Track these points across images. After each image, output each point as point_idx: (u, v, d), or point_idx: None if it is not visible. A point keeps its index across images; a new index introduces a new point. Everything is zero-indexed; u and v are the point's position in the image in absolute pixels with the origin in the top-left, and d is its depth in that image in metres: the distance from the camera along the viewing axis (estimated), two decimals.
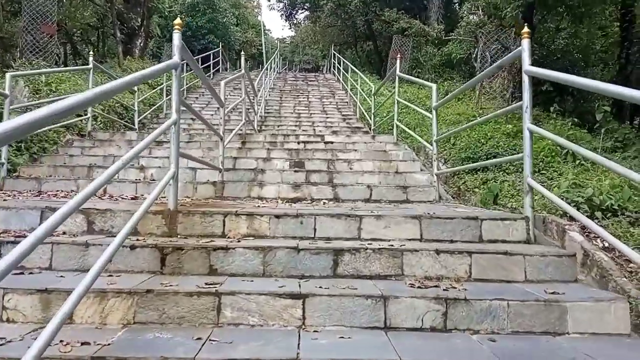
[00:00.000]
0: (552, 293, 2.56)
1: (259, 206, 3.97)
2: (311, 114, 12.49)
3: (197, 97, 14.14)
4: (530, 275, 2.88)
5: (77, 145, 7.25)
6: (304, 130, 10.44)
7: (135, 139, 7.83)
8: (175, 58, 3.43)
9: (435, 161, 5.58)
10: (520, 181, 5.29)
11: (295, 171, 6.03)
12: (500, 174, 5.87)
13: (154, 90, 12.33)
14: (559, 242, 3.24)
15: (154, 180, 5.86)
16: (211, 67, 19.23)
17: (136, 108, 9.86)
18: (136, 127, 9.77)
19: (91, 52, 8.64)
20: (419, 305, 2.41)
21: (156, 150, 6.90)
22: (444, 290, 2.55)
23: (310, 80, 19.09)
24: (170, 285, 2.46)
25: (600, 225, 3.01)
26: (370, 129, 10.28)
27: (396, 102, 7.65)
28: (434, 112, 5.64)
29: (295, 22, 31.64)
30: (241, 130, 7.51)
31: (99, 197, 5.10)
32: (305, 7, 27.29)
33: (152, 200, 2.80)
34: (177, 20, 3.52)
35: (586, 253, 2.96)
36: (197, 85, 16.25)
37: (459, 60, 15.87)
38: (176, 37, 3.47)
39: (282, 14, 29.17)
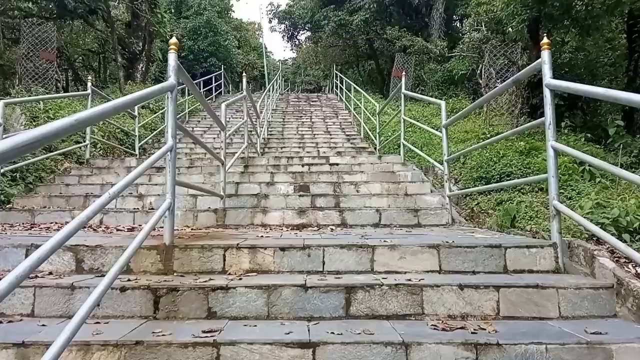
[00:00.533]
0: (594, 333, 2.27)
1: (262, 236, 3.70)
2: (314, 134, 12.28)
3: (198, 121, 13.99)
4: (565, 311, 2.58)
5: (75, 173, 7.03)
6: (307, 152, 10.21)
7: (134, 165, 7.61)
8: (171, 79, 3.20)
9: (447, 182, 5.31)
10: (538, 202, 5.01)
11: (300, 195, 5.77)
12: (516, 194, 5.58)
13: (155, 115, 12.18)
14: (587, 269, 2.95)
15: (152, 209, 5.61)
16: (213, 90, 19.13)
17: (136, 133, 9.67)
18: (137, 152, 9.57)
19: (90, 78, 8.49)
20: (446, 352, 2.12)
21: (156, 176, 6.67)
22: (472, 333, 2.26)
23: (313, 101, 18.96)
24: (163, 335, 2.18)
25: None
26: (375, 149, 10.04)
27: (402, 120, 7.42)
28: (443, 130, 5.39)
29: (296, 43, 31.75)
30: (244, 153, 7.28)
31: (94, 229, 4.85)
32: (307, 28, 27.39)
33: (145, 235, 2.55)
34: (173, 40, 3.31)
35: (620, 281, 2.66)
36: (199, 108, 16.14)
37: (461, 77, 15.75)
38: (171, 57, 3.25)
39: (284, 36, 29.32)
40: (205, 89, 19.71)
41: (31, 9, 14.50)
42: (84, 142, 7.87)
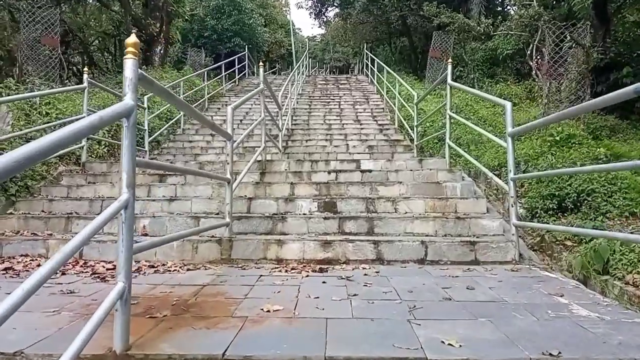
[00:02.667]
0: None
1: (268, 311, 2.63)
2: (343, 124, 11.12)
3: (215, 112, 12.97)
4: None
5: (65, 182, 6.13)
6: (335, 147, 9.12)
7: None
8: (127, 99, 2.15)
9: (513, 207, 4.13)
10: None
11: (325, 218, 4.69)
12: (600, 218, 4.38)
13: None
14: None
15: (146, 234, 4.64)
16: (236, 73, 18.04)
17: (146, 127, 8.71)
18: (146, 148, 8.63)
19: (86, 69, 7.56)
20: None
21: (156, 187, 5.69)
22: None
23: (342, 84, 17.70)
24: None
25: None
26: (412, 142, 8.87)
27: (448, 118, 6.21)
28: (509, 140, 4.19)
29: (325, 20, 30.22)
30: (260, 157, 6.23)
31: (72, 265, 3.93)
32: (336, 5, 25.91)
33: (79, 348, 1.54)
34: (131, 39, 2.23)
35: None
36: (220, 93, 15.11)
37: (504, 57, 14.22)
38: (128, 65, 2.18)
39: (311, 12, 27.86)
40: (229, 71, 18.66)
41: None
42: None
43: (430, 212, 4.96)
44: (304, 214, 4.94)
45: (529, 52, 11.96)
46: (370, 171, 6.01)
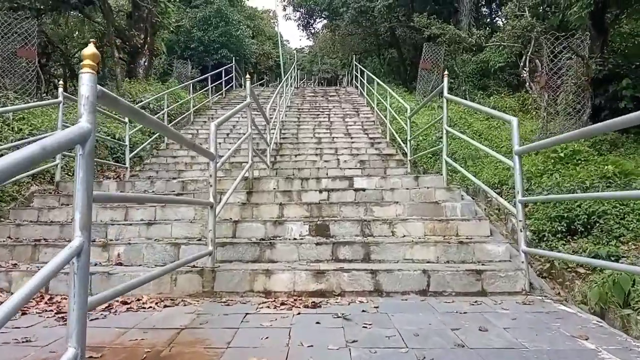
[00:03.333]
0: None
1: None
2: (333, 137, 10.80)
3: (200, 126, 12.60)
4: None
5: (37, 204, 5.71)
6: (325, 162, 8.80)
7: (115, 189, 6.25)
8: (82, 121, 1.78)
9: (522, 231, 3.80)
10: None
11: (317, 243, 4.32)
12: (614, 242, 4.07)
13: (160, 114, 10.78)
14: None
15: (120, 263, 4.23)
16: (223, 85, 17.67)
17: (127, 142, 8.29)
18: (127, 165, 8.20)
19: (60, 83, 7.15)
20: None
21: (134, 210, 5.27)
22: None
23: (331, 95, 17.42)
24: None
25: None
26: (404, 156, 8.58)
27: (445, 132, 5.90)
28: (516, 158, 3.87)
29: (313, 31, 30.02)
30: (247, 175, 5.85)
31: (35, 302, 3.52)
32: (324, 16, 25.74)
33: None
34: (88, 49, 1.86)
35: None
36: (206, 106, 14.72)
37: (497, 69, 14.06)
38: (85, 80, 1.82)
39: (299, 24, 27.64)
40: (215, 83, 18.30)
41: (22, 1, 13.20)
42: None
43: (430, 235, 4.61)
44: (295, 239, 4.56)
45: (521, 63, 11.77)
46: (364, 190, 5.66)
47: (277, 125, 10.33)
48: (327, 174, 8.34)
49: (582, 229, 4.28)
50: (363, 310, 3.25)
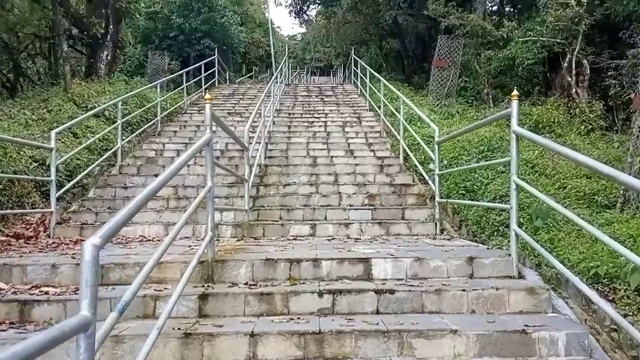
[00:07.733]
0: None
1: None
2: (332, 157, 8.61)
3: (168, 139, 10.37)
4: None
5: None
6: (323, 196, 6.74)
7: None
8: None
9: None
10: None
11: None
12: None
13: (113, 126, 8.46)
14: None
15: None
16: (203, 81, 15.29)
17: (52, 177, 6.01)
18: (52, 209, 5.95)
19: None
20: None
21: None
22: None
23: (327, 95, 15.11)
24: None
25: None
26: (422, 184, 6.50)
27: (514, 187, 3.70)
28: None
29: (306, 18, 27.49)
30: (205, 255, 3.64)
31: None
32: (318, 2, 23.30)
33: None
34: None
35: None
36: (181, 109, 12.34)
37: (524, 68, 11.76)
38: None
39: (291, 10, 25.11)
40: (196, 79, 15.92)
41: None
42: None
43: None
44: None
45: (565, 64, 9.58)
46: (392, 292, 3.43)
47: (262, 139, 8.13)
48: (325, 217, 6.37)
49: None
50: None
